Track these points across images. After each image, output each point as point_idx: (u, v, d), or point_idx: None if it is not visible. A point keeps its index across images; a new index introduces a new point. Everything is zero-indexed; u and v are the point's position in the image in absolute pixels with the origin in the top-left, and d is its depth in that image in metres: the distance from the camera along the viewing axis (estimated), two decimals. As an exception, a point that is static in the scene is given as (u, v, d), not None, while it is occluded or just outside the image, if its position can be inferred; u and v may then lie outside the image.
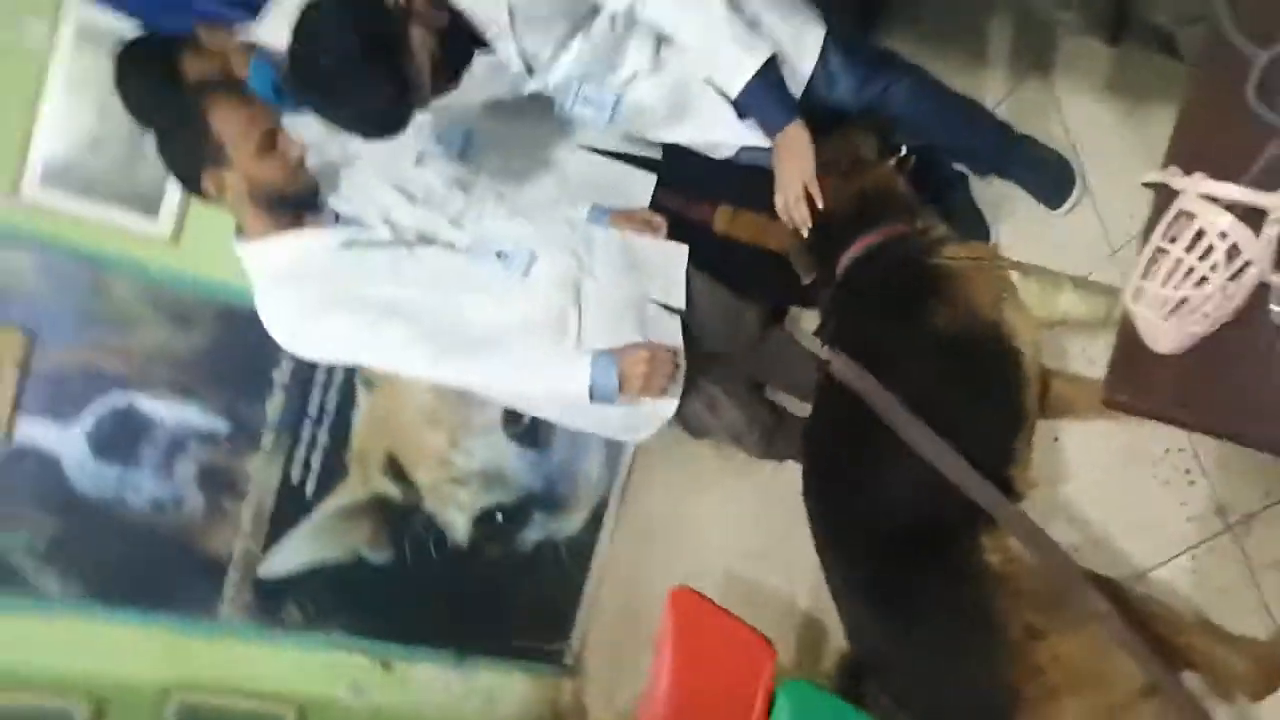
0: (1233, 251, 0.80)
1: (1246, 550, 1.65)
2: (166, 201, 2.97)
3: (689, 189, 2.40)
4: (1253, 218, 0.80)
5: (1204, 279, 0.81)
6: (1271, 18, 0.86)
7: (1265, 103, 0.85)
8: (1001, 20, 2.30)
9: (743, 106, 1.70)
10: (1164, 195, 0.88)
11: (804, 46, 1.86)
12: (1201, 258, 0.81)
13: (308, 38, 1.48)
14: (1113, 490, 1.88)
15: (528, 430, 3.09)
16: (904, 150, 1.75)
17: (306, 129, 1.69)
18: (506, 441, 3.09)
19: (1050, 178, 2.12)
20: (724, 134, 2.00)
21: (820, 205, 1.65)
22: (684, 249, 2.00)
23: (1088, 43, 2.01)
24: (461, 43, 1.62)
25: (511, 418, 3.05)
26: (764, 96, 1.68)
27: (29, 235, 2.88)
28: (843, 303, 1.63)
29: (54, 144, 2.88)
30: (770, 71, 1.66)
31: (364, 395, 2.98)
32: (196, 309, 2.92)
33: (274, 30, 2.01)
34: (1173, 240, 0.83)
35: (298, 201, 1.67)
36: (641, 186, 2.23)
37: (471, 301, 1.70)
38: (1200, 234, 0.81)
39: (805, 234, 1.70)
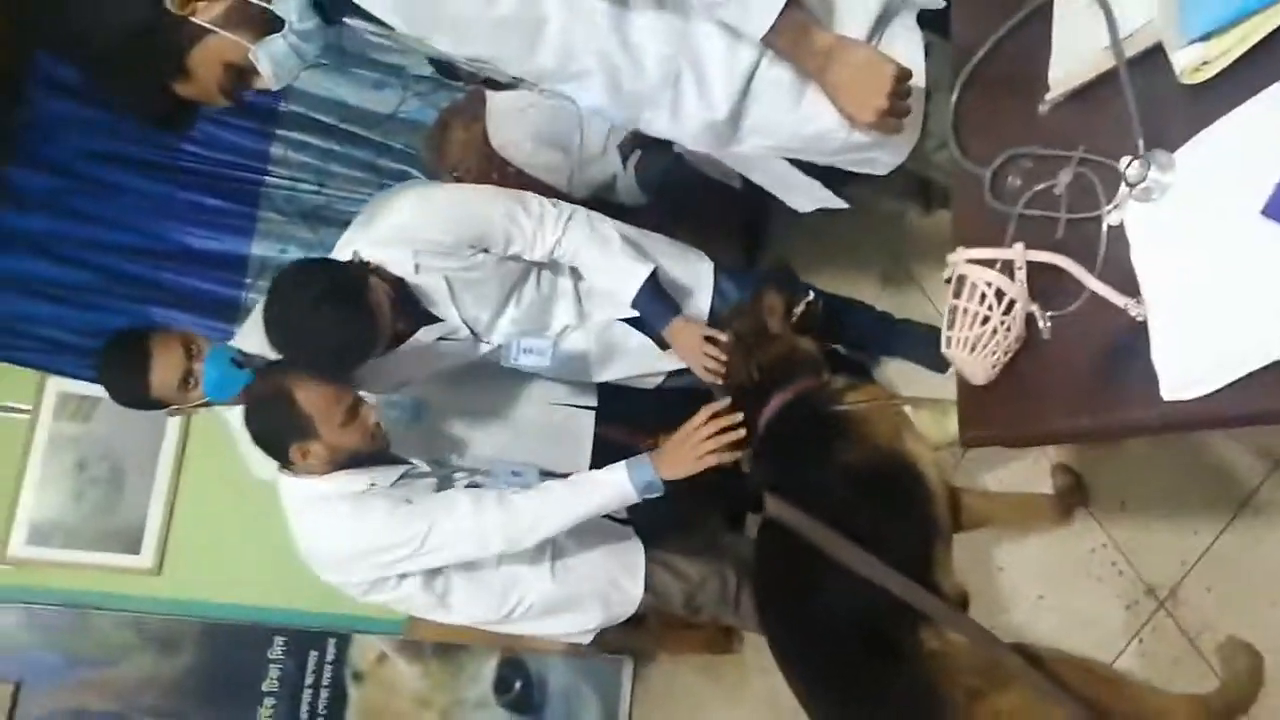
0: (999, 294, 1.06)
1: (1180, 621, 1.79)
2: (147, 536, 3.15)
3: (628, 422, 2.70)
4: (1009, 270, 1.08)
5: (986, 319, 1.07)
6: (983, 145, 1.20)
7: (998, 198, 1.16)
8: (860, 233, 2.72)
9: (637, 311, 2.03)
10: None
11: (700, 283, 2.25)
12: (980, 304, 1.07)
13: (280, 291, 1.76)
14: (1057, 602, 2.03)
15: (521, 696, 3.11)
16: (811, 295, 2.01)
17: None
18: (502, 712, 3.09)
19: (930, 348, 2.44)
20: (649, 365, 2.32)
21: (726, 343, 1.95)
22: None
23: (924, 226, 2.43)
24: (413, 296, 1.91)
25: (503, 685, 3.09)
26: (651, 302, 2.02)
27: (15, 592, 3.01)
28: (767, 453, 1.85)
29: (38, 504, 3.08)
30: (654, 282, 2.01)
31: (354, 689, 3.01)
32: (181, 632, 3.01)
33: (248, 338, 2.32)
34: (962, 298, 1.10)
35: (370, 459, 1.88)
36: (585, 425, 2.50)
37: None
38: (975, 287, 1.08)
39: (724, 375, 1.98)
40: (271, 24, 1.30)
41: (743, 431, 1.84)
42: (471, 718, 3.09)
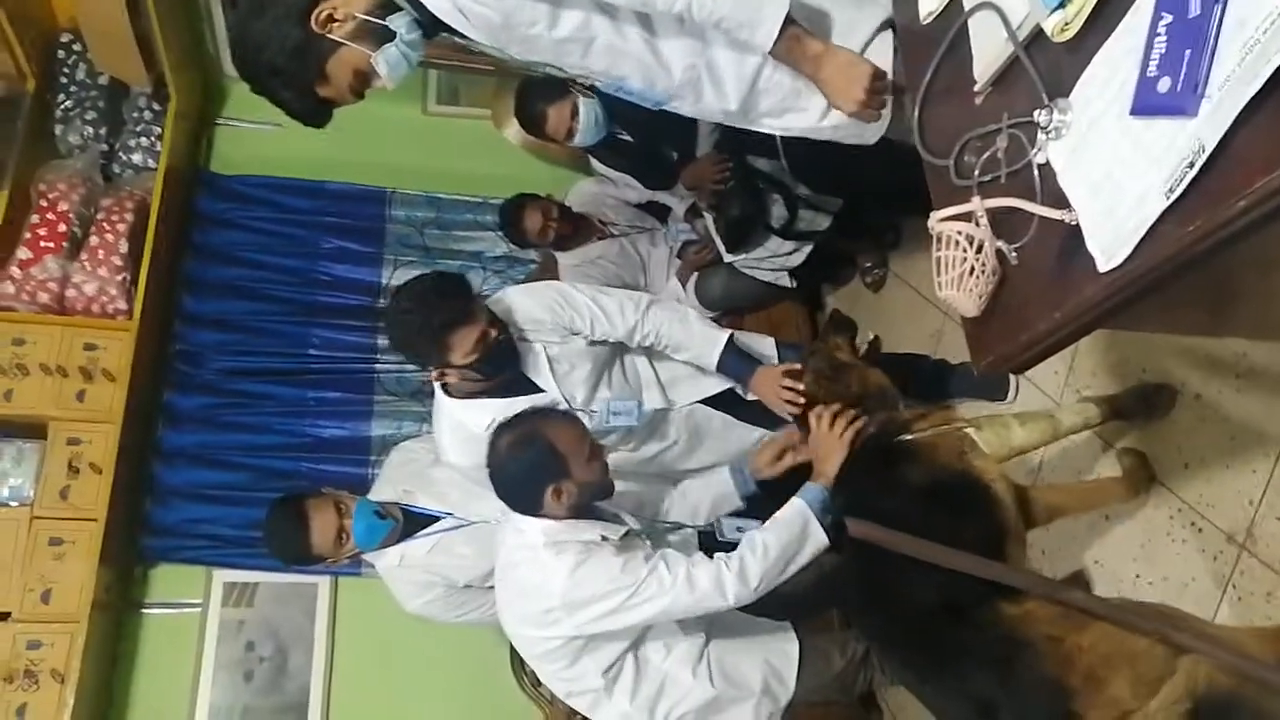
0: (970, 239, 1.32)
1: (1261, 556, 1.89)
2: (312, 706, 3.40)
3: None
4: (975, 220, 1.34)
5: (964, 259, 1.33)
6: (943, 141, 1.49)
7: (961, 177, 1.44)
8: (908, 299, 2.99)
9: (722, 374, 2.35)
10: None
11: (765, 352, 2.55)
12: (956, 249, 1.33)
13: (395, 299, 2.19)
14: (1154, 575, 2.13)
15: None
16: (872, 336, 2.28)
17: None
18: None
19: (989, 384, 2.65)
20: (736, 443, 2.58)
21: (802, 392, 2.18)
22: None
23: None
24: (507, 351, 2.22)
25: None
26: (733, 362, 2.34)
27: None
28: (846, 484, 2.06)
29: (216, 688, 3.37)
30: (733, 345, 2.34)
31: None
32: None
33: (381, 491, 2.65)
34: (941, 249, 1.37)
35: (600, 497, 2.07)
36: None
37: None
38: (949, 238, 1.34)
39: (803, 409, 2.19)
40: (387, 37, 1.67)
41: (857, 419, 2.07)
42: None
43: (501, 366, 2.21)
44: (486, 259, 4.01)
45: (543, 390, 2.28)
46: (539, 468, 1.94)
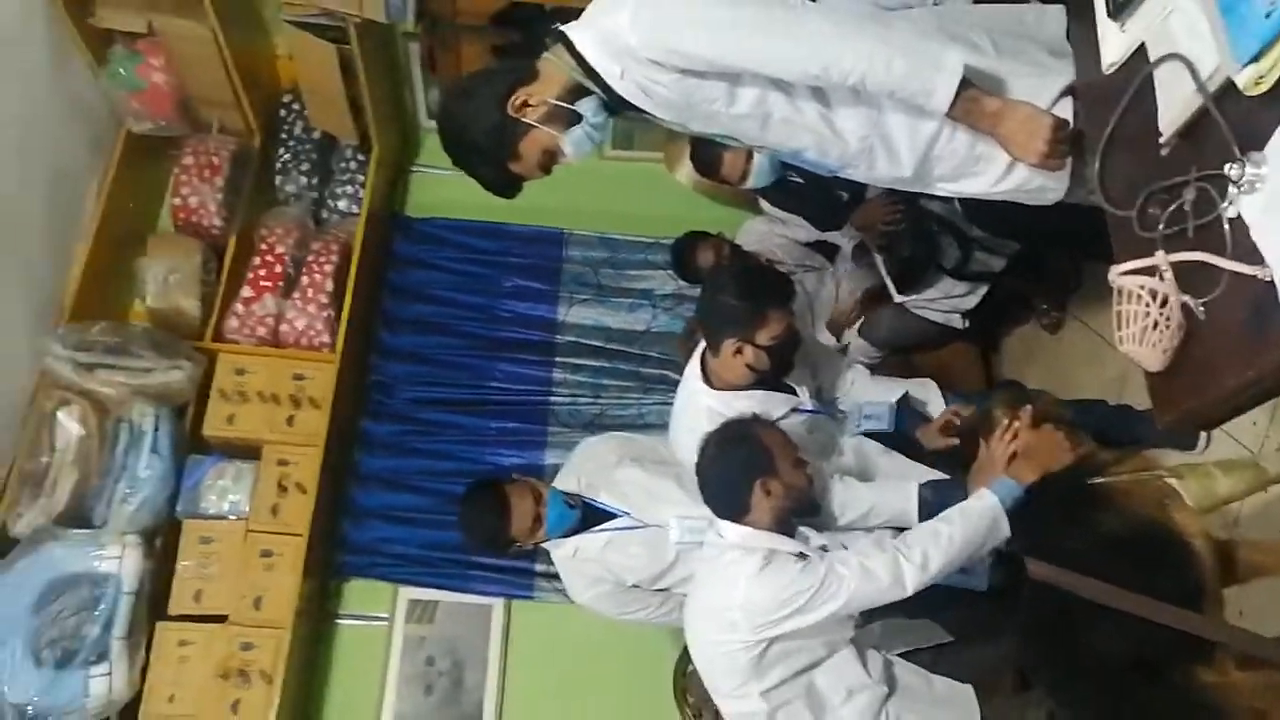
0: (1153, 294, 1.31)
1: None
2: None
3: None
4: (1160, 275, 1.33)
5: (1148, 313, 1.32)
6: (1125, 193, 1.48)
7: (1145, 230, 1.43)
8: (1089, 342, 2.89)
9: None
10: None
11: (930, 397, 2.56)
12: (1138, 304, 1.32)
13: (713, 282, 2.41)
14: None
15: None
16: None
17: None
18: None
19: (1178, 432, 2.55)
20: (900, 473, 2.60)
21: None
22: None
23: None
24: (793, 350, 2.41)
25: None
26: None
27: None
28: (1028, 522, 2.01)
29: (399, 700, 3.58)
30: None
31: None
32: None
33: (565, 480, 2.75)
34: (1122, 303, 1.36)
35: (804, 510, 2.18)
36: None
37: None
38: (1130, 293, 1.33)
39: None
40: (575, 119, 1.84)
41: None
42: None
43: (786, 363, 2.39)
44: (656, 296, 4.14)
45: (796, 393, 2.45)
46: (748, 462, 2.04)
